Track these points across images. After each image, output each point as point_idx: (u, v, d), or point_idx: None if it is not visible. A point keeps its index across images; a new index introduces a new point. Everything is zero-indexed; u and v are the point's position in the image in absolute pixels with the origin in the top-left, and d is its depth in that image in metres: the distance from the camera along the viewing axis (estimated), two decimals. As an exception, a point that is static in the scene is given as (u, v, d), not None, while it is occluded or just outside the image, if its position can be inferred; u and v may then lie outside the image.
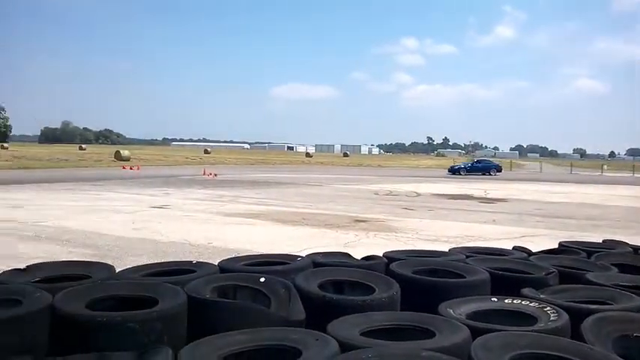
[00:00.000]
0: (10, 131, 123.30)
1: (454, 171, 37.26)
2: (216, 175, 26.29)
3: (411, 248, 6.00)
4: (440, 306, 2.43)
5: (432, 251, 4.17)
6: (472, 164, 39.87)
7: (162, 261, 3.51)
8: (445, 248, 4.85)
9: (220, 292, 2.48)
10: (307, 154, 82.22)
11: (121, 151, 46.07)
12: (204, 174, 26.87)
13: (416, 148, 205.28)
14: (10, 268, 2.72)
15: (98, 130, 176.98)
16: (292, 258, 3.15)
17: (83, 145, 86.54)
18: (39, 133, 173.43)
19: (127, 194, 15.17)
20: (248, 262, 2.99)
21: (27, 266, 2.69)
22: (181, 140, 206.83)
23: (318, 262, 3.07)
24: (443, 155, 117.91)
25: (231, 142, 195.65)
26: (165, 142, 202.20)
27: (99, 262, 2.85)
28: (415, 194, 18.05)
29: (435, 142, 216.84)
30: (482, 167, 38.52)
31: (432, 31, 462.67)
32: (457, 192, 19.79)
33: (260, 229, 9.27)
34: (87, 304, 2.14)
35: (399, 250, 3.91)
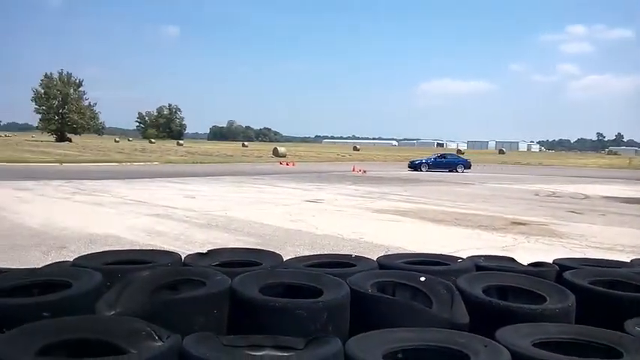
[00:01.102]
0: (185, 130, 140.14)
1: (414, 166, 32.80)
2: (365, 171, 26.74)
3: (581, 256, 5.42)
4: (626, 323, 2.15)
5: (611, 261, 3.71)
6: (435, 159, 34.46)
7: (323, 253, 3.65)
8: (621, 258, 4.30)
9: (379, 288, 2.50)
10: (459, 151, 79.01)
11: (279, 148, 49.38)
12: (353, 170, 27.51)
13: (583, 146, 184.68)
14: (193, 252, 3.07)
15: (258, 128, 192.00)
16: (452, 259, 3.05)
17: (246, 143, 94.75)
18: (208, 132, 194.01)
19: (284, 188, 16.18)
20: (407, 260, 2.97)
21: (208, 251, 3.01)
22: (332, 138, 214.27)
23: (481, 265, 2.92)
24: (615, 153, 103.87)
25: (380, 138, 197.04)
26: (317, 139, 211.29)
27: (269, 251, 3.07)
28: (582, 196, 16.27)
29: (605, 139, 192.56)
30: (447, 163, 33.44)
31: (603, 15, 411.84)
32: (634, 195, 17.36)
33: (409, 226, 9.18)
34: (260, 288, 2.32)
35: (571, 258, 3.54)
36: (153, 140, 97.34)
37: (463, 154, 55.08)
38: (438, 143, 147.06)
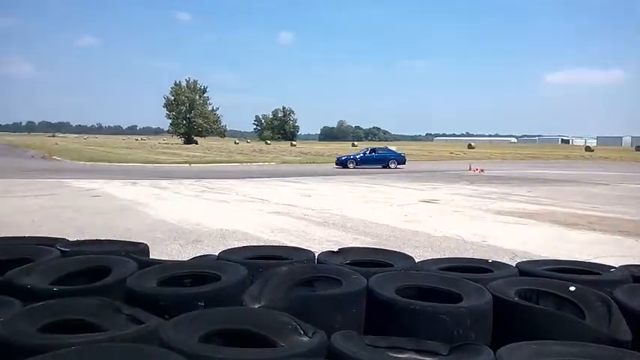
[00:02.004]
0: (298, 131, 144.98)
1: (341, 163, 29.67)
2: (482, 170, 25.53)
3: None
4: None
5: None
6: (364, 154, 31.01)
7: (457, 257, 3.54)
8: None
9: (522, 296, 2.35)
10: (587, 148, 72.40)
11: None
12: (469, 169, 26.41)
13: None
14: (325, 250, 3.14)
15: (367, 128, 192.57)
16: (603, 268, 2.77)
17: (355, 142, 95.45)
18: (319, 132, 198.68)
19: (397, 188, 16.02)
20: (550, 268, 2.76)
21: (339, 249, 3.06)
22: (444, 135, 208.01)
23: (639, 275, 2.63)
24: None
25: (497, 135, 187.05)
26: (428, 137, 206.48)
27: (400, 252, 3.05)
28: None
29: None
30: (378, 158, 30.02)
31: None
32: None
33: (537, 230, 8.57)
34: (396, 290, 2.30)
35: None
36: (269, 142, 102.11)
37: (592, 151, 49.90)
38: (562, 139, 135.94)
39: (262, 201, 11.90)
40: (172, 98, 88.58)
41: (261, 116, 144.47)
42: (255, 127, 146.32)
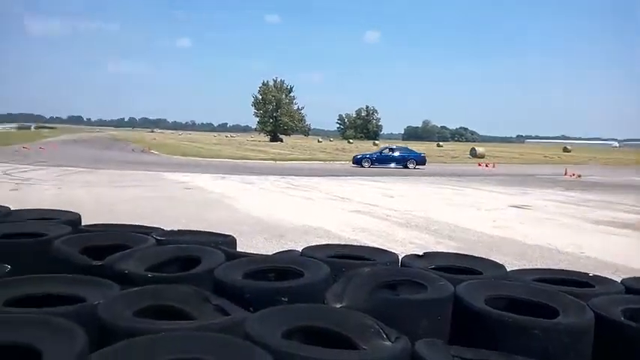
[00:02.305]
0: (381, 130, 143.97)
1: (357, 162, 28.54)
2: (579, 175, 23.81)
3: None
4: None
5: None
6: (380, 153, 29.91)
7: (553, 268, 3.30)
8: None
9: (630, 316, 2.13)
10: (703, 156, 64.96)
11: (476, 148, 47.19)
12: (565, 174, 24.73)
13: None
14: (410, 253, 3.06)
15: (454, 128, 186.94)
16: None
17: (440, 143, 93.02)
18: (402, 132, 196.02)
19: (484, 191, 15.37)
20: (664, 286, 2.48)
21: (424, 253, 2.96)
22: (536, 137, 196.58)
23: None
24: None
25: (597, 139, 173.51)
26: (519, 139, 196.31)
27: (489, 259, 2.89)
28: None
29: None
30: (394, 158, 28.67)
31: None
32: None
33: (643, 243, 7.82)
34: (485, 299, 2.17)
35: None
36: (351, 140, 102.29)
37: None
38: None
39: (344, 199, 11.93)
40: (260, 97, 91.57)
41: (344, 115, 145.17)
42: (338, 125, 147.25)
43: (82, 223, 3.31)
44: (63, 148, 36.52)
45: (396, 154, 29.58)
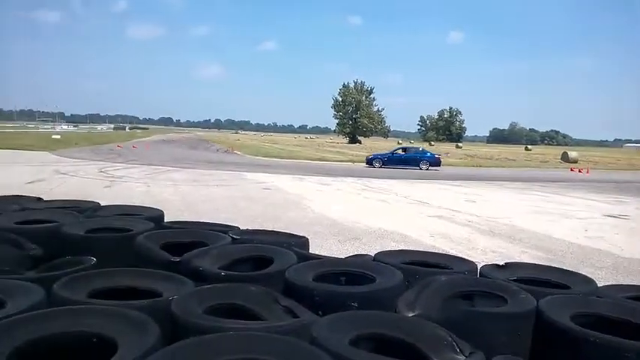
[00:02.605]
0: (464, 132, 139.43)
1: (369, 162, 27.81)
2: (688, 184, 21.55)
3: None
4: None
5: None
6: (392, 154, 28.81)
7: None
8: None
9: None
10: None
11: (569, 153, 44.21)
12: (670, 182, 22.50)
13: None
14: (490, 263, 2.90)
15: (544, 131, 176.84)
16: None
17: (529, 146, 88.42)
18: (487, 134, 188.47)
19: (576, 198, 14.34)
20: None
21: (506, 263, 2.79)
22: (636, 142, 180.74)
23: None
24: None
25: None
26: (617, 143, 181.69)
27: (578, 273, 2.66)
28: None
29: None
30: (406, 159, 27.68)
31: None
32: None
33: None
34: (571, 316, 2.00)
35: None
36: (432, 143, 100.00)
37: None
38: None
39: (423, 203, 11.65)
40: (340, 99, 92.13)
41: (425, 117, 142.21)
42: (419, 127, 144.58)
43: (165, 220, 3.47)
44: (153, 147, 38.99)
45: (408, 154, 28.80)
